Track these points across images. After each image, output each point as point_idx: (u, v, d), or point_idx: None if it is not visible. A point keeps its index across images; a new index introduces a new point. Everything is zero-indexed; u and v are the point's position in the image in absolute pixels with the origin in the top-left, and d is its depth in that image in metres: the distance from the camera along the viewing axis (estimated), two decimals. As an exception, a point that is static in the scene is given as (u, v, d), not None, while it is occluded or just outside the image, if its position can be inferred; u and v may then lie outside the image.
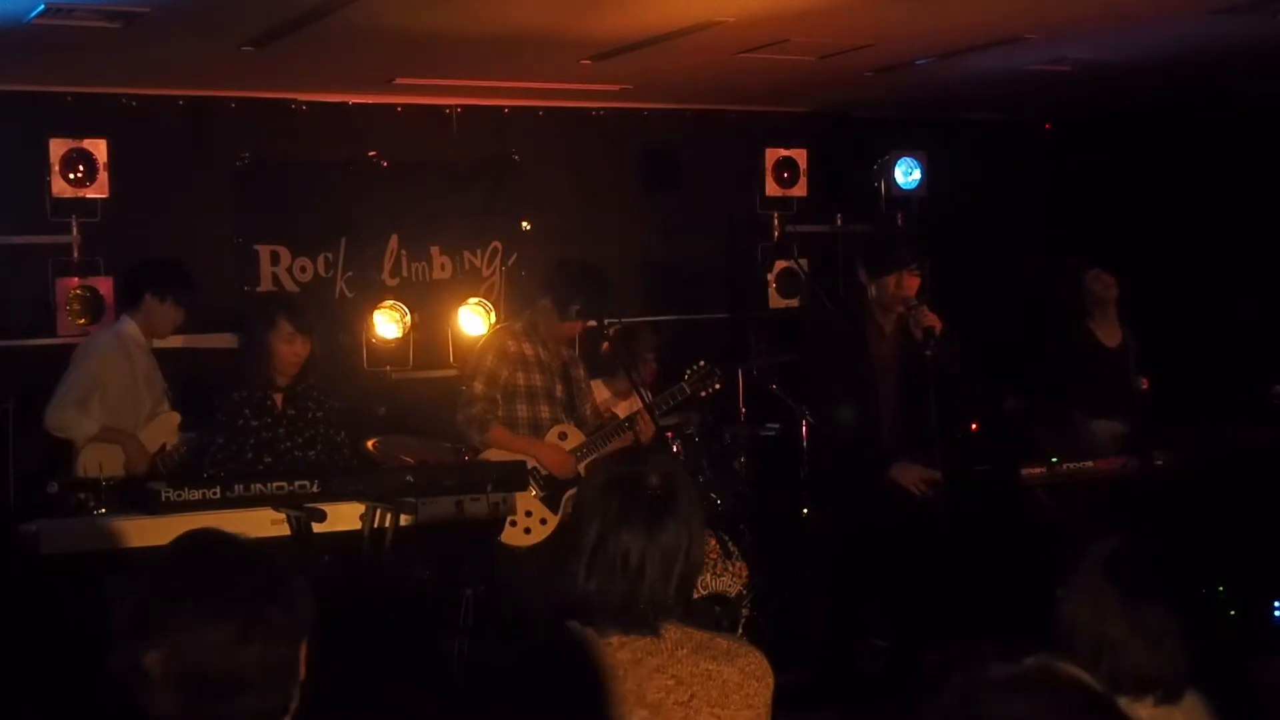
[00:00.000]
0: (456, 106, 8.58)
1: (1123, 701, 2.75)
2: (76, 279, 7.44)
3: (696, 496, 2.79)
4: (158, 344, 6.86)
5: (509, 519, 5.93)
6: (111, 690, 2.12)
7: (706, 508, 6.52)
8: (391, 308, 8.04)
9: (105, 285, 7.45)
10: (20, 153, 7.52)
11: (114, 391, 6.48)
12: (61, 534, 5.24)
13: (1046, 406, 6.97)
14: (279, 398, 6.10)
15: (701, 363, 6.53)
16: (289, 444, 6.11)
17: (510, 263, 8.70)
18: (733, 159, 9.18)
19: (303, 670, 2.21)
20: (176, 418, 6.66)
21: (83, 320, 7.32)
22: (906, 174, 9.12)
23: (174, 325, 6.69)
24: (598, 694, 2.64)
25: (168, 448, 6.46)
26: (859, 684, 6.10)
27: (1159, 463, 6.49)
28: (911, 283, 6.01)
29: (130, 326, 6.59)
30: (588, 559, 2.68)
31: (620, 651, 2.68)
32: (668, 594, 2.69)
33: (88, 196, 7.44)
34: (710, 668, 2.72)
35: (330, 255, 8.27)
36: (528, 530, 6.05)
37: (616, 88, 8.27)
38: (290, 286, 8.15)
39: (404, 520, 5.47)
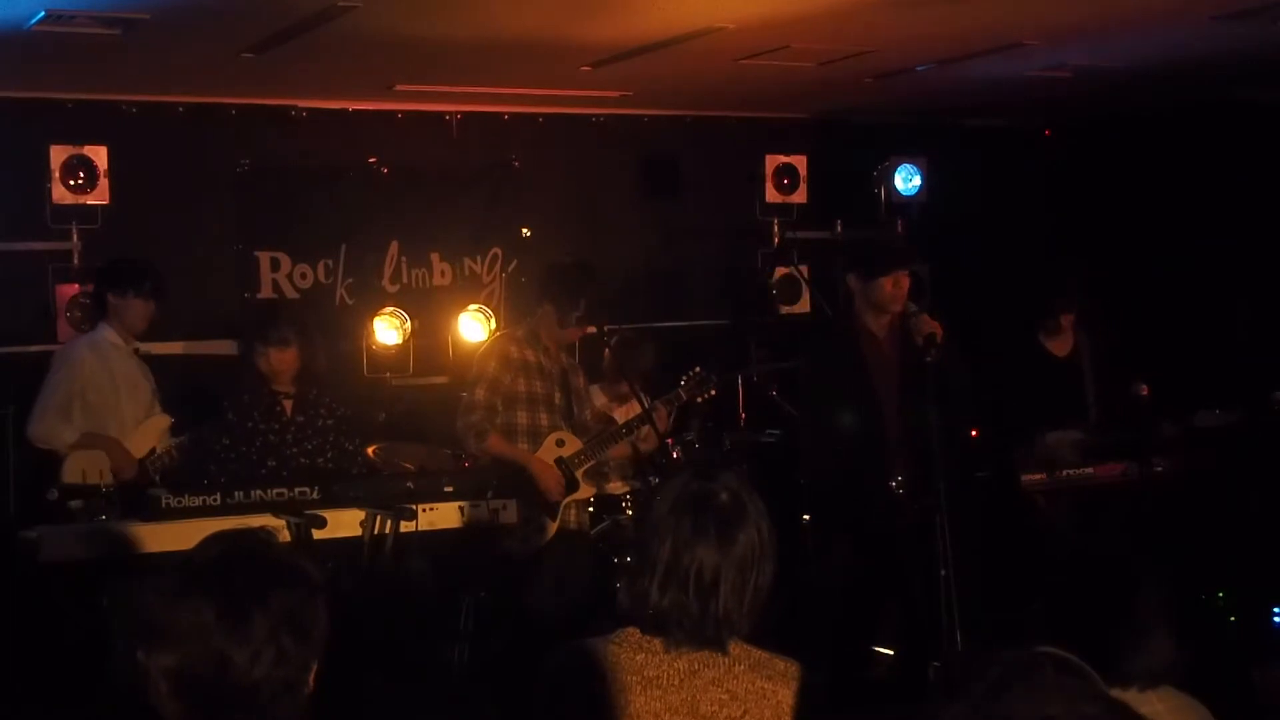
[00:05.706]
0: (456, 113, 8.58)
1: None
2: (77, 285, 7.42)
3: (764, 509, 2.78)
4: (159, 349, 6.85)
5: (509, 525, 5.92)
6: (122, 685, 2.11)
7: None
8: (392, 314, 8.04)
9: (105, 292, 7.45)
10: (20, 159, 7.52)
11: (93, 397, 6.44)
12: (62, 540, 5.24)
13: (1009, 422, 6.83)
14: (288, 404, 6.12)
15: (698, 368, 6.52)
16: (295, 450, 6.12)
17: (510, 269, 8.71)
18: (733, 165, 9.18)
19: (310, 687, 2.20)
20: (167, 420, 6.62)
21: (83, 327, 7.31)
22: (906, 180, 9.11)
23: (145, 318, 6.57)
24: (614, 705, 2.66)
25: (157, 450, 6.44)
26: (866, 692, 6.07)
27: (1158, 469, 6.47)
28: (904, 283, 5.99)
29: (106, 332, 6.57)
30: (661, 577, 2.68)
31: (677, 661, 2.70)
32: (741, 609, 2.70)
33: (88, 203, 7.44)
34: (766, 687, 2.73)
35: (330, 262, 8.28)
36: (527, 537, 6.04)
37: (616, 94, 8.28)
38: (290, 293, 8.16)
39: (404, 527, 5.47)
